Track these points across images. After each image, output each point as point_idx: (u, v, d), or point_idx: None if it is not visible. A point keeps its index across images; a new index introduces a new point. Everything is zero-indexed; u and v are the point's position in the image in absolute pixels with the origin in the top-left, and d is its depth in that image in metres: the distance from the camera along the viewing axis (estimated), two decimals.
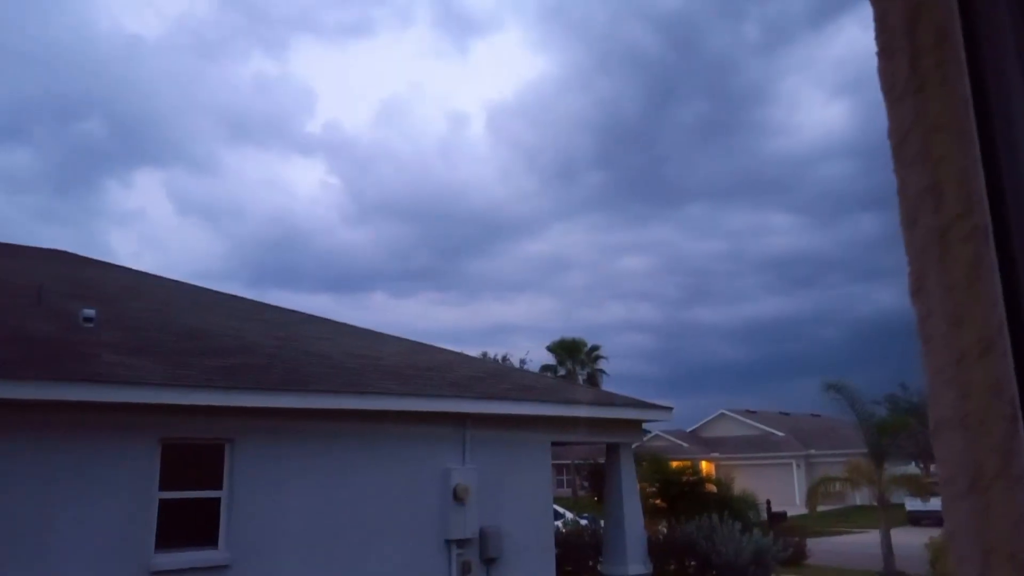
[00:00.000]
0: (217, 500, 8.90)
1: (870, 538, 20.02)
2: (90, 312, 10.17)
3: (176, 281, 16.73)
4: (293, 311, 15.86)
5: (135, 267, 19.50)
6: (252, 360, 10.61)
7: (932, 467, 28.17)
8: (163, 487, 8.50)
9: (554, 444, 12.26)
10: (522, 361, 50.06)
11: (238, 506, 8.91)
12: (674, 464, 24.20)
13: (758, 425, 44.64)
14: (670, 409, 13.75)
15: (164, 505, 8.48)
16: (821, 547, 20.91)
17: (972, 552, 0.72)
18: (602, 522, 13.99)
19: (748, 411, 47.31)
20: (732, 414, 46.93)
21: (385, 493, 10.03)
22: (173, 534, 8.46)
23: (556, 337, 49.68)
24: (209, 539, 8.75)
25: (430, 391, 11.04)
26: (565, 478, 47.15)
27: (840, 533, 25.45)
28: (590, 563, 13.67)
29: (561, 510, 20.39)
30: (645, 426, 13.77)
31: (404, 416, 10.32)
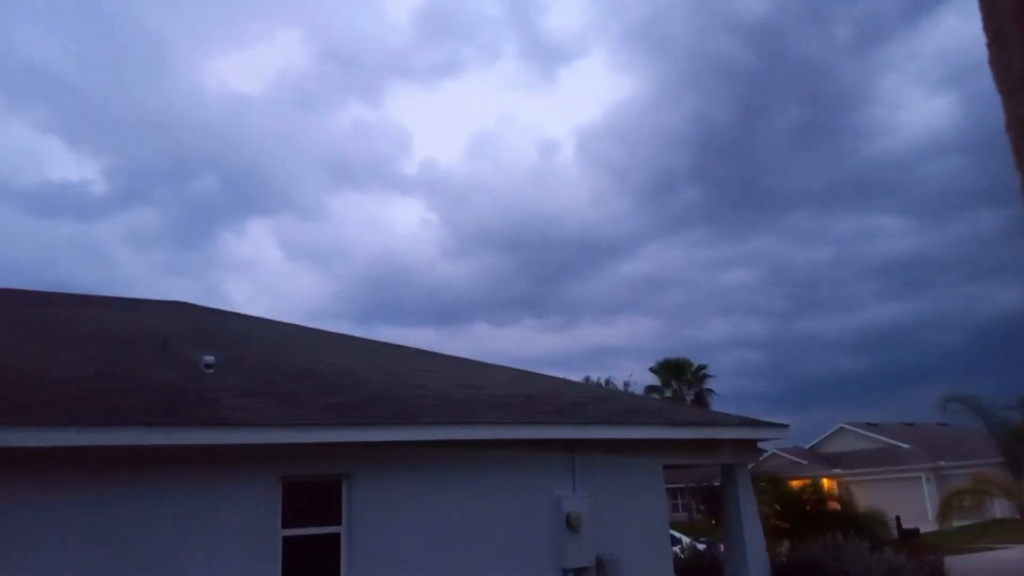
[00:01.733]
0: (337, 535, 9.11)
1: (1015, 554, 18.62)
2: (210, 358, 10.68)
3: (289, 323, 17.43)
4: (399, 346, 16.23)
5: (251, 312, 20.44)
6: (363, 396, 10.88)
7: None
8: (285, 525, 8.76)
9: (666, 467, 12.00)
10: (626, 384, 49.49)
11: (357, 540, 9.09)
12: (794, 483, 23.24)
13: (881, 438, 42.47)
14: (786, 426, 13.23)
15: (288, 542, 8.74)
16: (961, 565, 19.58)
17: None
18: (721, 546, 13.55)
19: (869, 424, 45.11)
20: (852, 428, 44.84)
21: (497, 522, 10.03)
22: (298, 571, 8.71)
23: (659, 358, 48.92)
24: (331, 574, 8.95)
25: (536, 418, 11.01)
26: (680, 502, 46.02)
27: (981, 549, 23.79)
28: None
29: (678, 535, 19.90)
30: (760, 445, 13.31)
31: (512, 444, 10.32)
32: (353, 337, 16.67)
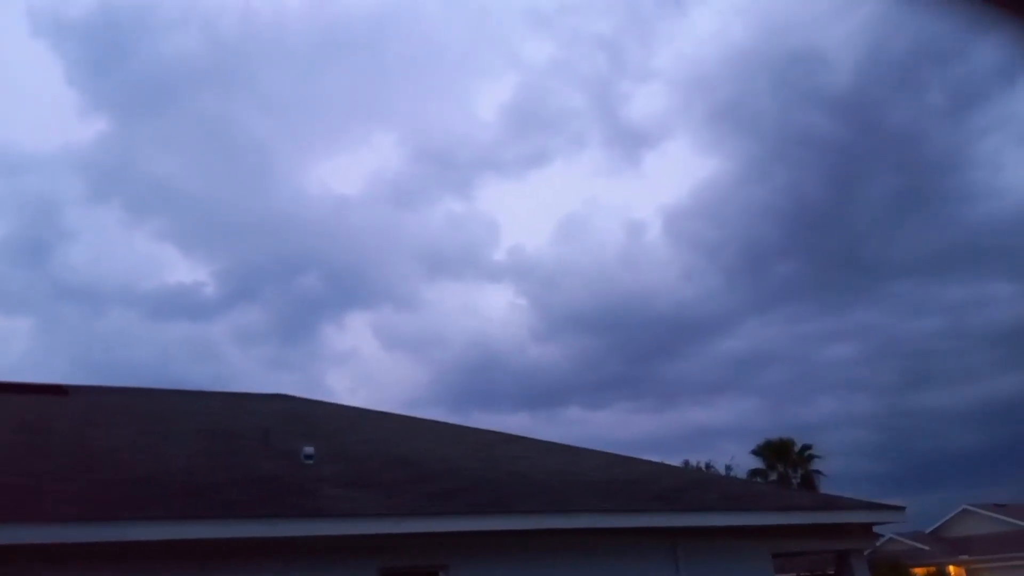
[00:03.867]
0: None
1: None
2: (310, 449, 10.85)
3: (386, 412, 17.63)
4: (493, 431, 16.14)
5: (350, 403, 20.79)
6: (460, 484, 10.79)
7: None
8: None
9: (775, 556, 11.33)
10: (727, 467, 47.54)
11: None
12: (916, 571, 21.57)
13: (1010, 520, 39.15)
14: (902, 508, 12.36)
15: None
16: None
17: None
18: None
19: (996, 505, 41.75)
20: (977, 509, 41.58)
21: None
22: None
23: (761, 439, 46.92)
24: None
25: (634, 505, 10.65)
26: None
27: None
28: None
29: None
30: (877, 529, 12.45)
31: (610, 532, 9.98)
32: (448, 424, 16.70)
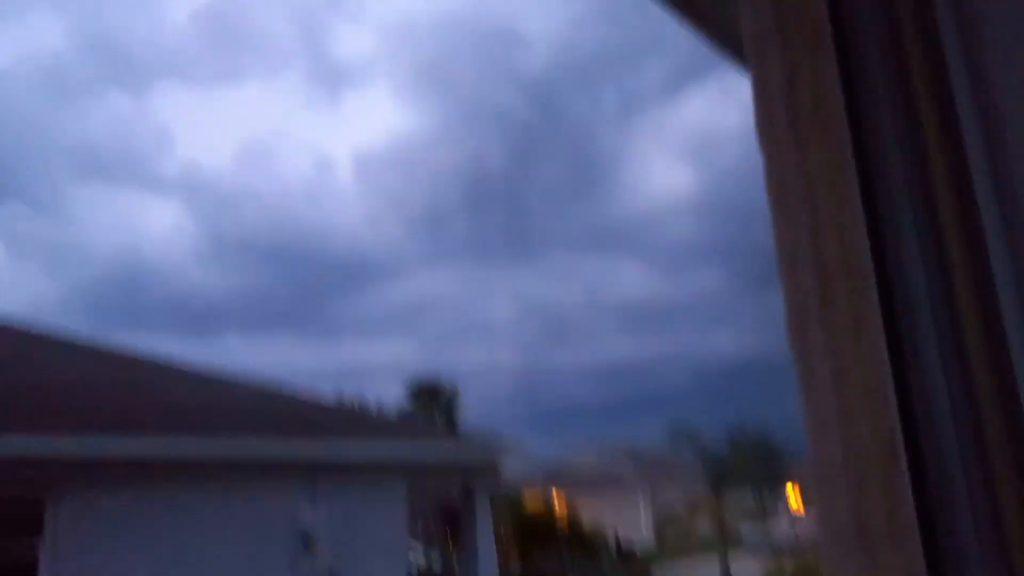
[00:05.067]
0: (34, 560, 8.03)
1: (711, 566, 20.83)
2: None
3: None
4: (130, 352, 14.78)
5: None
6: (79, 404, 9.74)
7: (766, 497, 29.89)
8: None
9: (410, 487, 12.00)
10: (379, 403, 49.04)
11: (63, 567, 8.06)
12: (529, 500, 24.34)
13: (608, 460, 45.80)
14: (525, 447, 13.85)
15: None
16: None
17: None
18: (456, 559, 13.80)
19: (599, 447, 48.48)
20: (585, 450, 47.93)
21: (229, 543, 9.41)
22: None
23: (416, 380, 49.10)
24: None
25: (277, 434, 10.55)
26: (421, 518, 46.27)
27: (684, 561, 26.37)
28: None
29: (416, 550, 19.96)
30: (502, 466, 13.77)
31: (249, 461, 9.79)
32: (79, 339, 14.94)
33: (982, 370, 0.69)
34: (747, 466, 22.36)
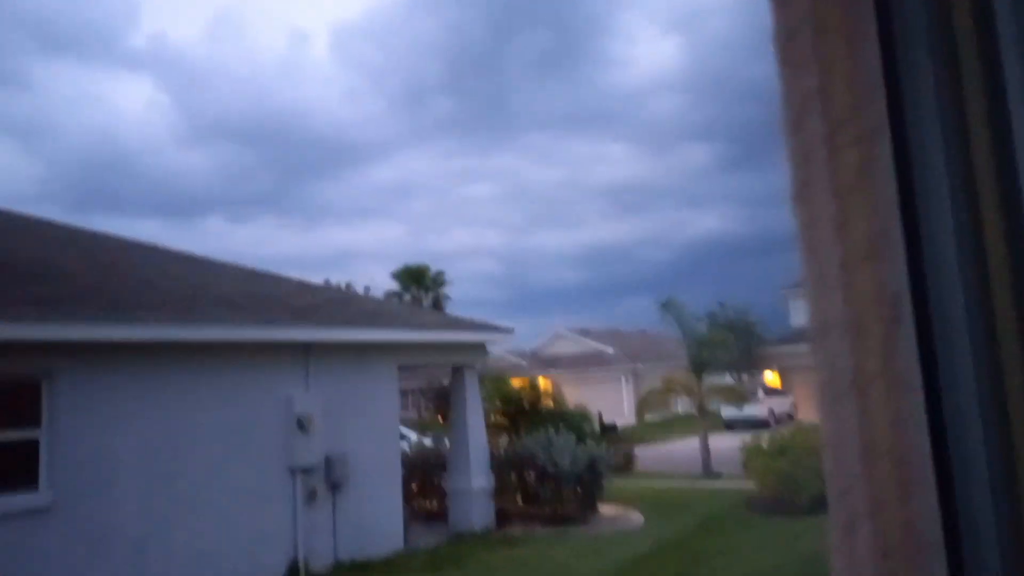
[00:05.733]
0: (36, 441, 8.22)
1: (691, 444, 21.68)
2: None
3: None
4: (116, 237, 14.66)
5: None
6: (70, 289, 9.74)
7: (745, 377, 30.73)
8: None
9: (400, 368, 12.25)
10: (366, 288, 49.41)
11: (62, 446, 8.27)
12: (515, 383, 24.95)
13: (591, 343, 46.73)
14: (511, 331, 14.06)
15: None
16: (648, 454, 22.43)
17: (852, 450, 0.74)
18: (447, 441, 14.26)
19: (582, 330, 49.34)
20: (568, 333, 48.80)
21: (225, 425, 9.66)
22: None
23: (401, 264, 49.32)
24: (28, 482, 8.10)
25: (268, 319, 10.64)
26: (411, 401, 47.52)
27: (664, 441, 27.40)
28: (435, 481, 13.94)
29: (407, 431, 20.58)
30: (488, 347, 14.03)
31: (241, 346, 9.91)
32: (61, 225, 14.77)
33: (994, 227, 0.69)
34: (728, 345, 22.86)
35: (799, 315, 26.02)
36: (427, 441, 18.27)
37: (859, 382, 0.72)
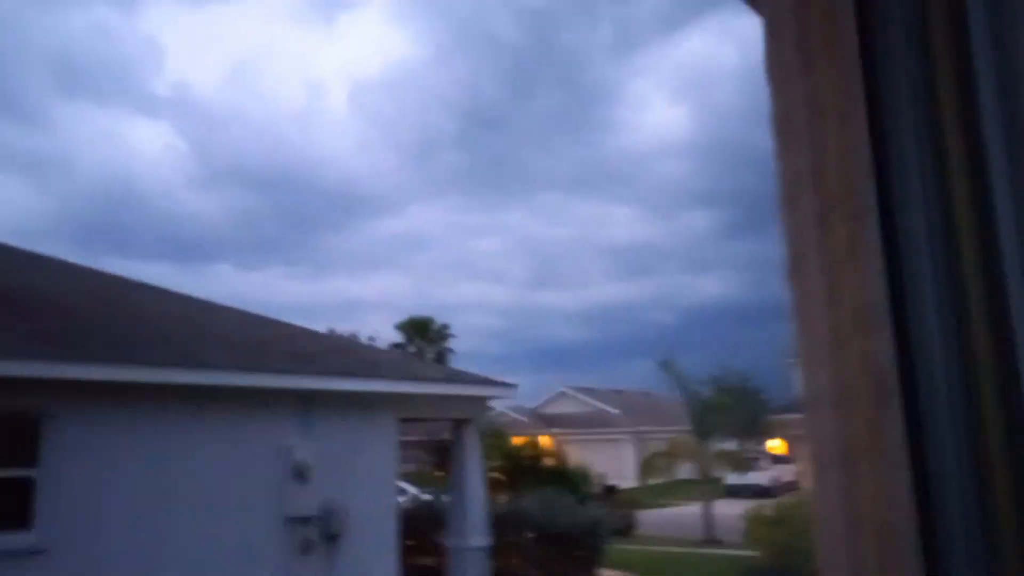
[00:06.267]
0: (31, 480, 8.17)
1: (693, 509, 21.35)
2: None
3: None
4: (123, 277, 14.78)
5: None
6: (73, 326, 9.79)
7: (749, 444, 30.44)
8: None
9: (402, 420, 12.17)
10: (370, 338, 49.48)
11: (57, 486, 8.22)
12: (516, 440, 24.75)
13: (594, 403, 46.44)
14: (514, 386, 13.99)
15: None
16: (649, 518, 22.10)
17: (839, 522, 0.75)
18: (445, 497, 14.08)
19: (585, 389, 49.09)
20: (571, 392, 48.53)
21: (222, 471, 9.58)
22: None
23: (406, 315, 49.39)
24: (22, 522, 8.02)
25: (268, 365, 10.63)
26: (411, 454, 47.07)
27: (666, 505, 26.99)
28: (433, 537, 13.74)
29: (405, 486, 20.35)
30: (490, 403, 13.96)
31: (241, 391, 9.89)
32: (68, 262, 14.91)
33: (978, 305, 0.71)
34: (731, 410, 22.72)
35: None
36: (426, 496, 18.05)
37: (847, 455, 0.74)
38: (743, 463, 23.53)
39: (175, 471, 9.15)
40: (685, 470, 26.44)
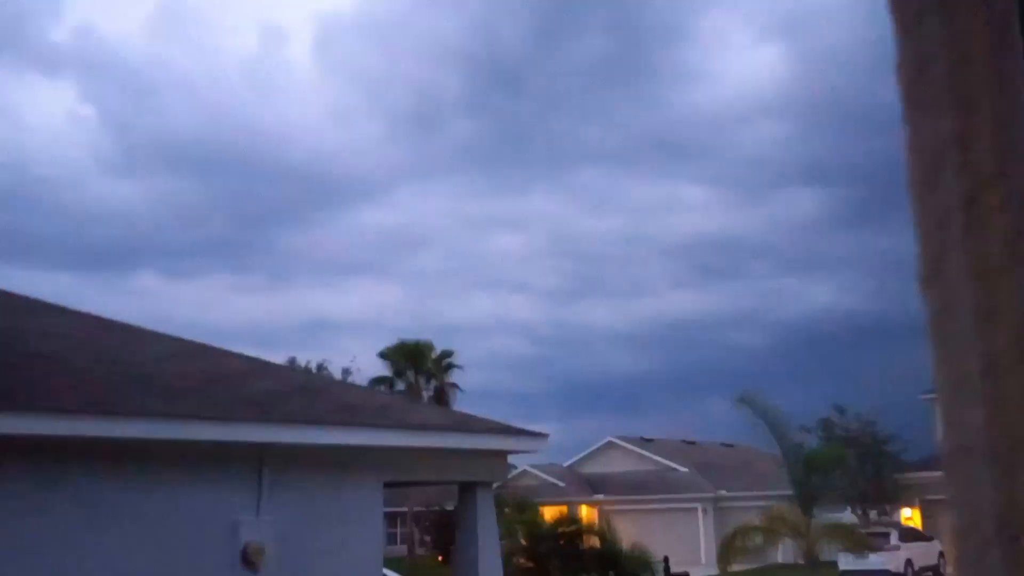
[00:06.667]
0: None
1: None
2: None
3: None
4: (14, 294, 15.00)
5: None
6: None
7: (873, 514, 30.09)
8: None
9: (388, 485, 12.20)
10: (346, 371, 49.66)
11: None
12: (547, 510, 24.71)
13: (655, 458, 46.29)
14: (544, 436, 13.97)
15: None
16: None
17: None
18: None
19: (643, 439, 48.95)
20: (622, 443, 48.40)
21: (147, 554, 9.65)
22: None
23: (395, 338, 49.47)
24: None
25: (213, 412, 10.71)
26: (400, 531, 47.10)
27: None
28: None
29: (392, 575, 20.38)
30: (511, 459, 13.97)
31: (169, 447, 9.96)
32: None
33: None
34: (847, 468, 22.52)
35: None
36: None
37: (1009, 526, 0.74)
38: (863, 541, 23.30)
39: (90, 550, 9.23)
40: (783, 551, 26.25)
